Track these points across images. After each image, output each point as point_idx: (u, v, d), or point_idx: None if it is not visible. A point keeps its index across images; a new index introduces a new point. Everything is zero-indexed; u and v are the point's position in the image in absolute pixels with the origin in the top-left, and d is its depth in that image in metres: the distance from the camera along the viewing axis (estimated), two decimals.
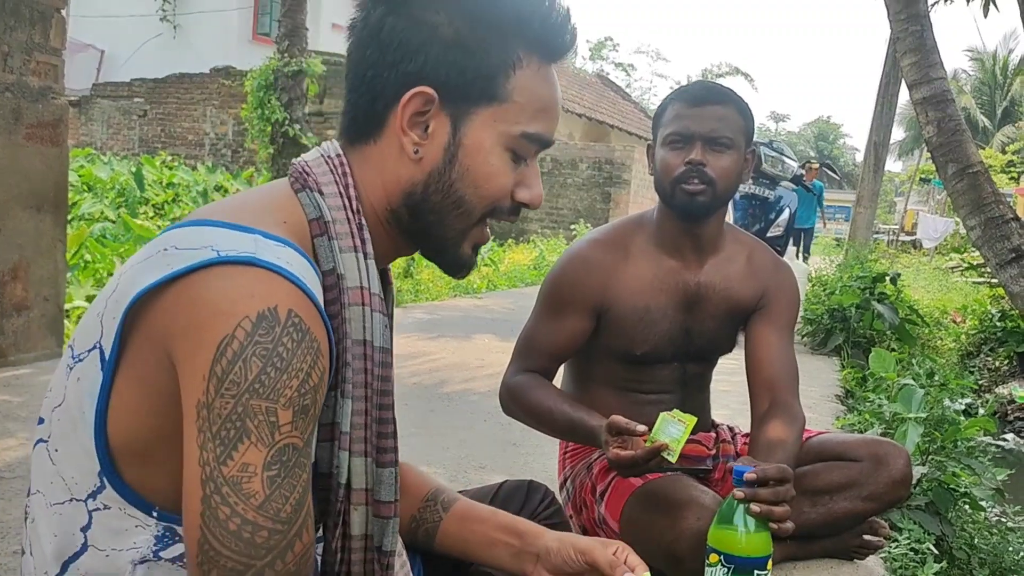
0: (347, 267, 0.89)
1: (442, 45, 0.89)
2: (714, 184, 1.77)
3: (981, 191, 6.63)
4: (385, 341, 0.93)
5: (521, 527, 1.11)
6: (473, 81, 0.90)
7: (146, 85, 15.84)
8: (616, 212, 14.51)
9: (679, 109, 1.80)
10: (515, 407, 1.86)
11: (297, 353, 0.76)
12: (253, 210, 0.87)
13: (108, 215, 9.13)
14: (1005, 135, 29.71)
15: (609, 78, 28.59)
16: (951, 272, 13.47)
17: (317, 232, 0.89)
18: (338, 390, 0.89)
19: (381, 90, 0.91)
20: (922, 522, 2.48)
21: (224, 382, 0.74)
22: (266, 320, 0.75)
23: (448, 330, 5.67)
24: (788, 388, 1.84)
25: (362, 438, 0.91)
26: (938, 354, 6.81)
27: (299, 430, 0.76)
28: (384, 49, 0.90)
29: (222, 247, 0.78)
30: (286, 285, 0.77)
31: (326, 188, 0.91)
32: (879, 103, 11.89)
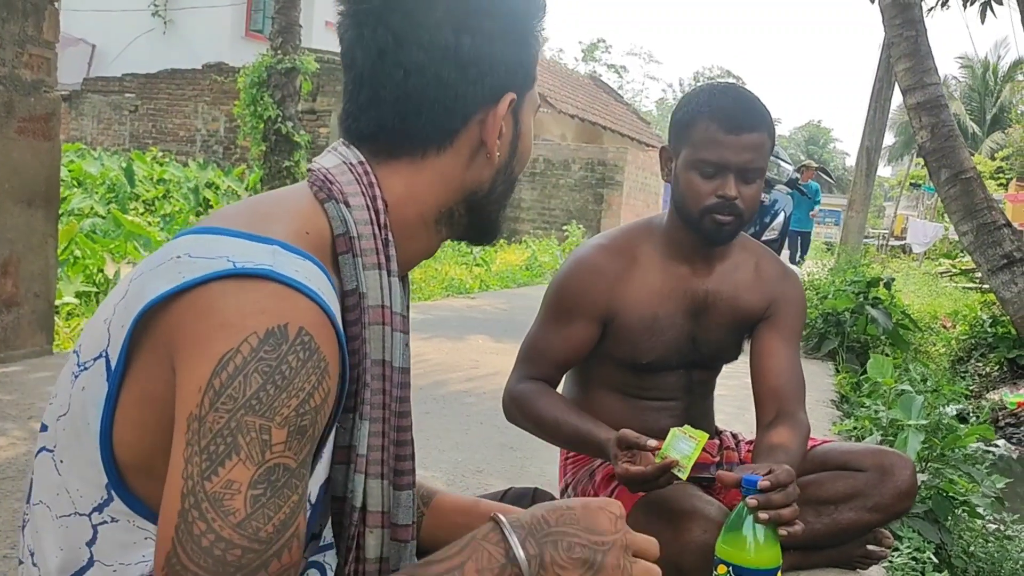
0: (370, 285, 0.87)
1: (508, 49, 0.92)
2: (743, 215, 1.75)
3: (974, 197, 6.66)
4: (405, 361, 0.91)
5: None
6: (529, 72, 0.95)
7: (137, 80, 15.75)
8: (608, 213, 14.51)
9: (714, 133, 1.71)
10: (519, 416, 1.82)
11: (301, 373, 0.73)
12: (274, 218, 0.84)
13: (98, 211, 9.07)
14: (994, 141, 29.88)
15: (601, 79, 28.62)
16: (941, 277, 13.53)
17: (343, 249, 0.87)
18: (356, 412, 0.87)
19: (462, 107, 0.91)
20: (921, 530, 2.47)
21: (221, 396, 0.71)
22: (274, 337, 0.73)
23: (441, 330, 5.64)
24: (795, 398, 1.82)
25: (379, 460, 0.89)
26: (929, 359, 6.83)
27: (293, 451, 0.73)
28: (465, 68, 0.90)
29: (238, 258, 0.75)
30: (302, 301, 0.75)
31: (353, 200, 0.88)
32: (872, 108, 11.94)
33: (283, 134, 10.40)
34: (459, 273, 9.10)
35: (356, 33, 0.90)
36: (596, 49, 33.63)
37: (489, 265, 10.26)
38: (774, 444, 1.69)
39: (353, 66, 0.91)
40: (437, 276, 8.48)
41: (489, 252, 11.30)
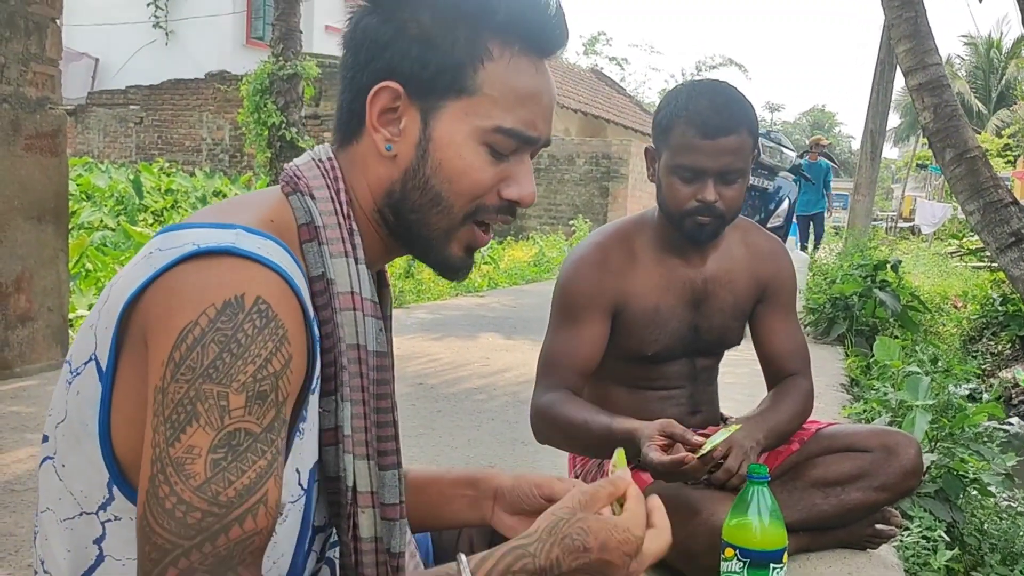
0: (337, 272, 0.90)
1: (407, 40, 0.89)
2: (724, 216, 1.78)
3: (979, 176, 6.63)
4: (380, 345, 0.93)
5: (475, 475, 1.11)
6: (438, 74, 0.89)
7: (141, 92, 15.84)
8: (615, 206, 14.51)
9: (690, 139, 1.72)
10: (547, 428, 1.78)
11: (257, 339, 0.75)
12: (239, 209, 0.88)
13: (108, 223, 9.13)
14: (1000, 119, 29.69)
15: (603, 72, 28.57)
16: (950, 257, 13.48)
17: (307, 237, 0.89)
18: (338, 393, 0.89)
19: (357, 90, 0.92)
20: (932, 509, 2.48)
21: (180, 367, 0.74)
22: (231, 307, 0.75)
23: (451, 329, 5.67)
24: (799, 365, 1.94)
25: (363, 441, 0.91)
26: (940, 340, 6.81)
27: (254, 415, 0.75)
28: (358, 49, 0.92)
29: (202, 241, 0.79)
30: (261, 272, 0.78)
31: (317, 192, 0.92)
32: (874, 91, 11.88)
33: (288, 140, 10.45)
34: None
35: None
36: (597, 42, 33.54)
37: (497, 263, 10.29)
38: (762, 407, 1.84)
39: None
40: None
41: (496, 250, 11.32)
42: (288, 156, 10.45)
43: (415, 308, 6.82)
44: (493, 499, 1.08)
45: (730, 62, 34.45)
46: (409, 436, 2.96)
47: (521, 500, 1.05)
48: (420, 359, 4.56)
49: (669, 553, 1.71)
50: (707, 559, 1.53)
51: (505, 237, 14.02)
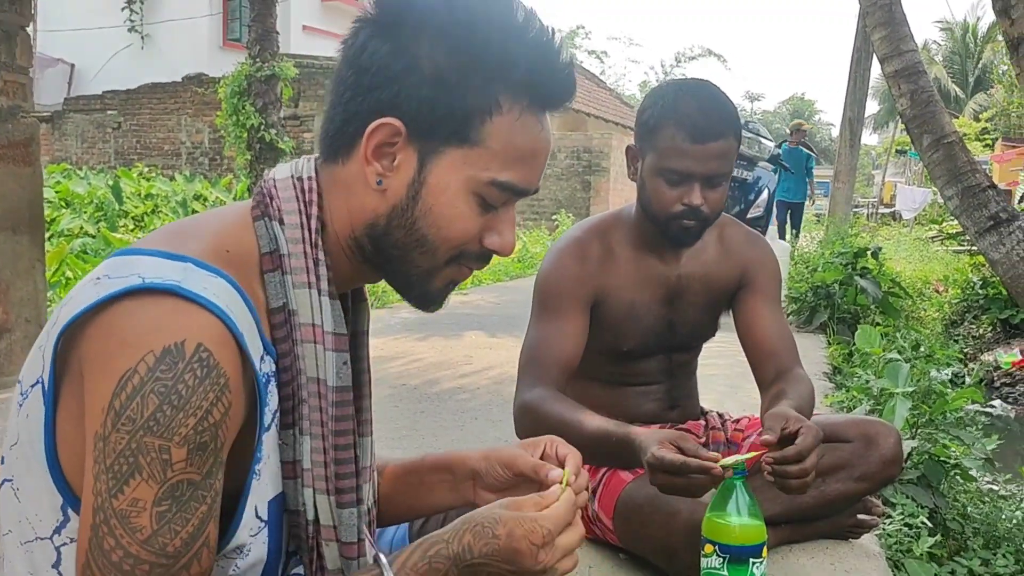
0: (300, 303, 0.88)
1: (418, 78, 0.86)
2: (708, 219, 1.77)
3: (956, 161, 6.68)
4: (342, 380, 0.91)
5: (449, 460, 1.10)
6: (444, 120, 0.87)
7: (118, 97, 15.71)
8: (597, 200, 14.52)
9: (679, 142, 1.70)
10: (533, 426, 1.70)
11: (198, 391, 0.75)
12: (194, 236, 0.85)
13: (88, 230, 9.06)
14: (977, 103, 29.89)
15: (583, 66, 28.54)
16: (931, 242, 13.56)
17: (269, 267, 0.87)
18: (296, 427, 0.88)
19: (354, 113, 0.89)
20: (915, 496, 2.49)
21: (121, 417, 0.73)
22: (170, 355, 0.74)
23: (435, 329, 5.66)
24: (789, 356, 1.86)
25: (323, 476, 0.90)
26: (922, 325, 6.85)
27: (195, 466, 0.76)
28: (361, 72, 0.88)
29: (148, 274, 0.77)
30: (204, 317, 0.76)
31: (288, 218, 0.89)
32: (852, 78, 11.95)
33: (267, 142, 10.39)
34: None
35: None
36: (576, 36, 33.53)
37: None
38: (780, 392, 1.70)
39: None
40: None
41: None
42: (268, 157, 10.40)
43: (399, 308, 6.80)
44: (472, 480, 1.08)
45: (709, 53, 34.53)
46: (392, 438, 2.95)
47: (496, 481, 1.05)
48: (403, 359, 4.54)
49: (650, 551, 1.73)
50: (687, 557, 1.53)
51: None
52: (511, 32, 0.87)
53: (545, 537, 0.86)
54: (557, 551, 0.87)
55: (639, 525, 1.70)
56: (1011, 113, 22.09)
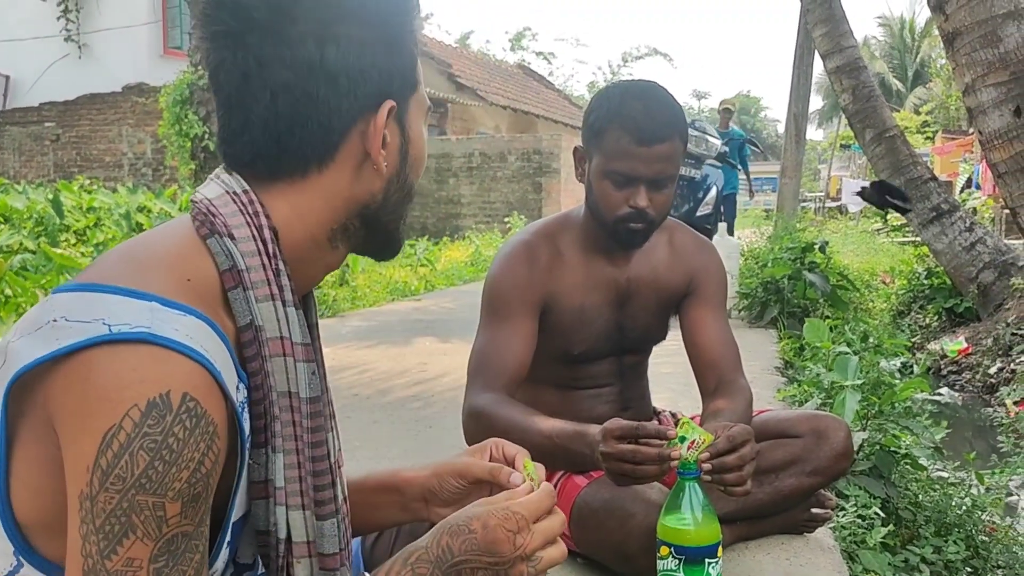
0: (265, 317, 0.84)
1: (380, 55, 0.88)
2: (655, 221, 1.77)
3: (899, 154, 6.82)
4: (313, 391, 0.88)
5: (397, 480, 1.08)
6: (408, 76, 0.91)
7: (56, 108, 15.37)
8: (548, 201, 14.55)
9: (625, 144, 1.70)
10: (483, 430, 1.65)
11: (189, 443, 0.72)
12: (153, 266, 0.81)
13: (27, 246, 8.81)
14: (917, 97, 30.62)
15: (531, 68, 28.65)
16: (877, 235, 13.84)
17: (231, 284, 0.83)
18: (268, 446, 0.85)
19: (338, 121, 0.87)
20: (867, 487, 2.52)
21: (109, 476, 0.70)
22: (156, 408, 0.71)
23: (387, 336, 5.61)
24: (731, 365, 1.87)
25: (298, 491, 0.87)
26: (871, 316, 6.97)
27: (189, 518, 0.73)
28: (333, 81, 0.85)
29: (114, 320, 0.73)
30: (184, 364, 0.73)
31: (237, 231, 0.85)
32: (795, 75, 12.14)
33: (212, 151, 10.25)
34: (403, 275, 9.05)
35: (218, 58, 0.86)
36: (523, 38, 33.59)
37: (434, 264, 10.22)
38: (719, 409, 1.72)
39: (220, 91, 0.87)
40: (381, 280, 8.41)
41: (433, 251, 11.25)
42: (213, 167, 10.16)
43: (350, 316, 6.73)
44: (423, 500, 1.06)
45: (655, 52, 34.95)
46: (345, 450, 2.86)
47: (449, 493, 1.04)
48: (354, 369, 4.49)
49: (607, 556, 1.71)
50: (643, 560, 1.52)
51: (441, 238, 13.96)
52: None
53: (520, 522, 0.86)
54: (536, 536, 0.87)
55: (595, 529, 1.68)
56: (950, 106, 22.65)
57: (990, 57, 5.44)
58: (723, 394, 1.78)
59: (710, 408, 1.75)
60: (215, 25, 0.86)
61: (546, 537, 0.88)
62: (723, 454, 1.42)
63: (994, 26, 5.39)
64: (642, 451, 1.42)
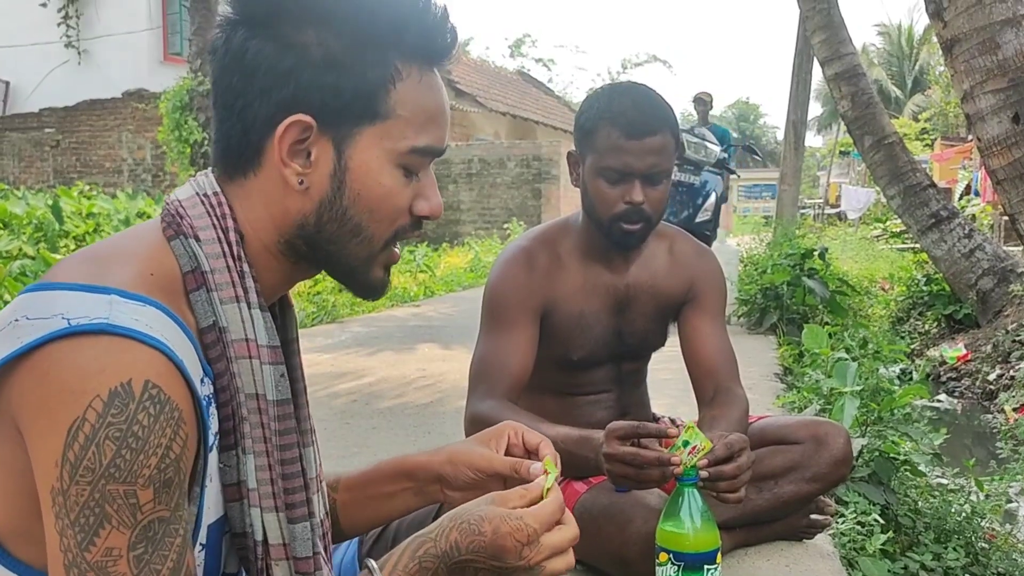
0: (230, 319, 0.84)
1: (313, 67, 0.84)
2: (651, 219, 1.77)
3: (897, 161, 6.84)
4: (281, 393, 0.88)
5: (408, 466, 1.08)
6: (352, 102, 0.85)
7: (56, 114, 15.38)
8: (548, 207, 14.57)
9: (615, 140, 1.71)
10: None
11: (155, 429, 0.72)
12: (113, 262, 0.81)
13: (27, 251, 8.81)
14: (916, 104, 30.67)
15: (530, 74, 28.67)
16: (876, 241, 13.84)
17: (193, 286, 0.83)
18: (238, 447, 0.85)
19: (253, 120, 0.85)
20: (867, 494, 2.51)
21: (78, 468, 0.70)
22: (119, 397, 0.71)
23: (387, 343, 5.60)
24: (728, 373, 1.87)
25: (270, 493, 0.87)
26: (870, 322, 6.97)
27: (163, 503, 0.73)
28: (251, 76, 0.84)
29: (73, 314, 0.73)
30: (144, 352, 0.73)
31: (203, 233, 0.85)
32: (794, 82, 12.16)
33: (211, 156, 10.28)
34: (403, 281, 9.05)
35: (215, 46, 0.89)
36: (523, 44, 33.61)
37: (433, 270, 10.22)
38: (715, 417, 1.73)
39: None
40: None
41: (433, 257, 11.26)
42: None
43: (349, 322, 6.72)
44: (439, 483, 1.06)
45: (655, 59, 34.87)
46: (343, 456, 2.89)
47: (467, 484, 1.03)
48: (354, 375, 4.48)
49: (606, 562, 1.71)
50: (643, 566, 1.52)
51: (441, 244, 13.96)
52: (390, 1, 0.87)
53: (530, 536, 0.86)
54: (544, 549, 0.87)
55: (594, 536, 1.68)
56: (948, 113, 22.70)
57: (989, 64, 5.44)
58: (719, 403, 1.78)
59: (706, 417, 1.75)
60: (229, 16, 0.87)
61: (553, 550, 0.88)
62: (721, 462, 1.42)
63: (992, 33, 5.40)
64: (641, 454, 1.42)
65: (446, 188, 15.17)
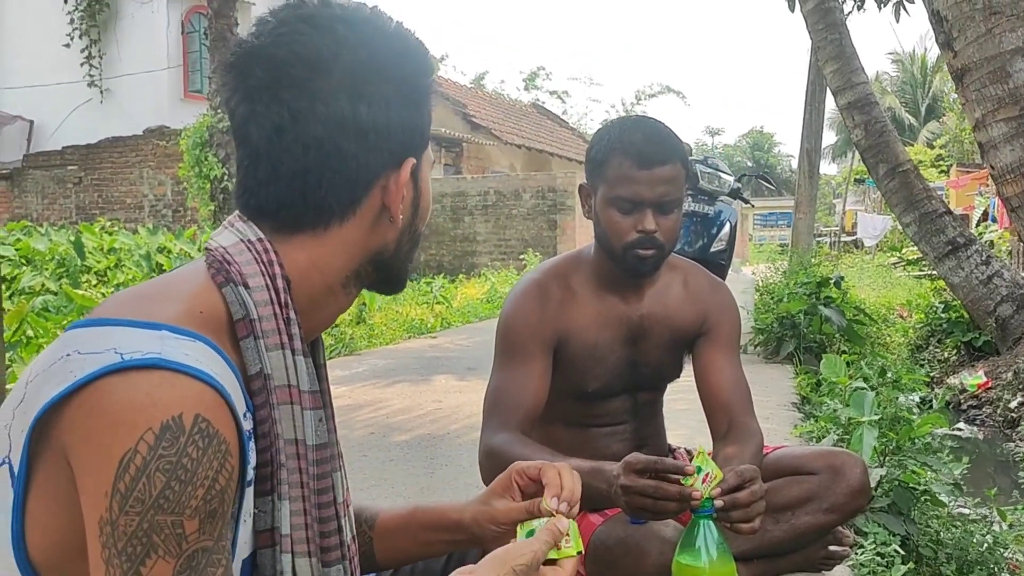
0: (274, 366, 0.87)
1: (404, 113, 0.92)
2: (664, 247, 1.79)
3: (912, 188, 6.83)
4: (320, 437, 0.91)
5: (443, 519, 1.10)
6: (426, 132, 0.96)
7: (79, 152, 15.64)
8: (563, 238, 14.61)
9: (627, 170, 1.75)
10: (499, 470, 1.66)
11: (203, 462, 0.74)
12: (163, 300, 0.83)
13: (49, 287, 8.93)
14: (930, 131, 30.62)
15: (545, 107, 28.87)
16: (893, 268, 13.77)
17: (244, 334, 0.86)
18: (274, 493, 0.87)
19: (364, 176, 0.91)
20: (886, 524, 2.50)
21: (128, 499, 0.72)
22: (170, 431, 0.73)
23: (404, 374, 5.62)
24: (743, 408, 1.86)
25: (304, 539, 0.89)
26: (888, 350, 6.93)
27: (207, 534, 0.75)
28: (363, 137, 0.89)
29: (125, 349, 0.76)
30: (194, 386, 0.76)
31: (252, 280, 0.87)
32: (807, 111, 12.20)
33: (231, 192, 10.38)
34: (420, 313, 9.08)
35: (248, 109, 0.88)
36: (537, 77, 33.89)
37: (450, 302, 10.26)
38: (730, 455, 1.72)
39: (247, 142, 0.90)
40: (398, 318, 8.45)
41: (449, 288, 11.30)
42: (232, 208, 10.35)
43: (367, 354, 6.75)
44: (472, 538, 1.08)
45: (668, 90, 35.02)
46: (360, 488, 2.90)
47: (493, 537, 1.05)
48: (371, 407, 4.50)
49: None
50: None
51: (457, 275, 14.02)
52: (412, 38, 0.96)
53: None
54: None
55: (610, 567, 1.68)
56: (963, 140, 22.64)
57: (1000, 93, 5.45)
58: (733, 440, 1.78)
59: (721, 455, 1.74)
60: (249, 79, 0.89)
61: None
62: (733, 490, 1.42)
63: (1003, 62, 5.41)
64: (664, 487, 1.40)
65: (462, 220, 15.25)
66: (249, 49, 0.89)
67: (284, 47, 0.88)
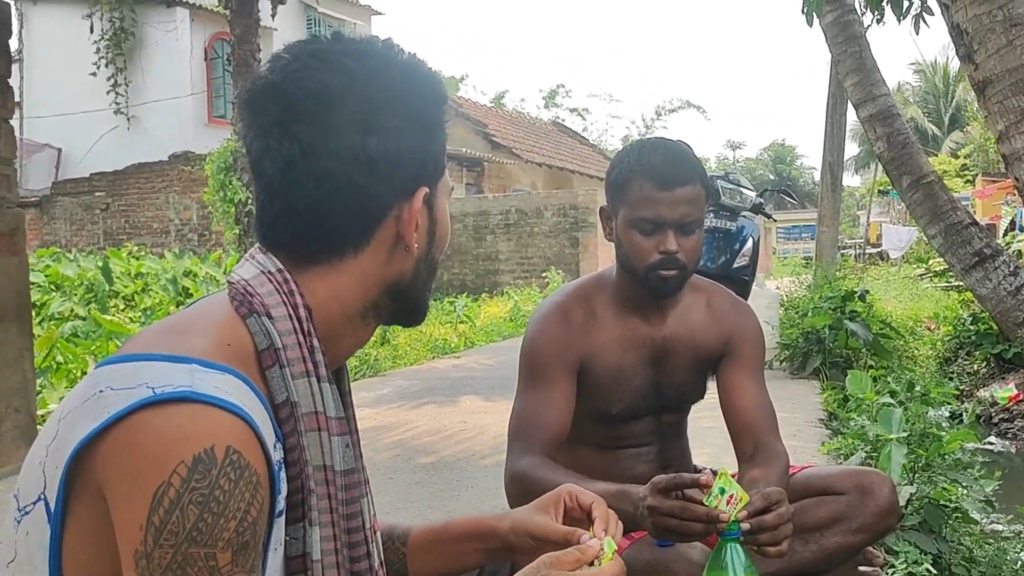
0: (300, 394, 0.88)
1: (416, 143, 0.93)
2: (687, 267, 1.80)
3: (937, 200, 6.76)
4: (347, 463, 0.92)
5: (480, 530, 1.10)
6: (440, 161, 0.97)
7: (106, 178, 15.87)
8: (586, 256, 14.61)
9: (647, 191, 1.76)
10: (524, 494, 1.60)
11: (235, 494, 0.76)
12: (192, 334, 0.85)
13: (78, 312, 9.04)
14: (954, 140, 30.37)
15: (565, 124, 28.97)
16: (919, 280, 13.63)
17: (269, 363, 0.87)
18: (305, 520, 0.88)
19: (376, 207, 0.92)
20: (917, 542, 2.47)
21: (162, 532, 0.74)
22: (202, 464, 0.75)
23: (429, 395, 5.64)
24: (767, 429, 1.85)
25: (334, 563, 0.90)
26: (916, 364, 6.85)
27: (240, 565, 0.77)
28: (373, 169, 0.90)
29: (157, 383, 0.77)
30: (225, 419, 0.77)
31: (275, 311, 0.89)
32: (829, 123, 12.15)
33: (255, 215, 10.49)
34: (443, 333, 9.11)
35: (262, 144, 0.90)
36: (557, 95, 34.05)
37: (473, 321, 10.28)
38: (755, 477, 1.71)
39: (263, 176, 0.92)
40: (422, 338, 8.48)
41: (472, 307, 11.33)
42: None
43: (392, 375, 6.78)
44: (506, 547, 1.08)
45: (688, 104, 35.10)
46: (386, 511, 2.91)
47: (527, 549, 1.05)
48: (397, 429, 4.51)
49: None
50: None
51: (480, 294, 14.04)
52: (423, 68, 0.96)
53: None
54: None
55: None
56: (988, 149, 22.43)
57: (1023, 104, 5.41)
58: (759, 462, 1.77)
59: (746, 477, 1.73)
60: (262, 115, 0.91)
61: None
62: (760, 513, 1.42)
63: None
64: (690, 507, 1.40)
65: (484, 239, 15.30)
66: (262, 85, 0.91)
67: (295, 83, 0.89)
